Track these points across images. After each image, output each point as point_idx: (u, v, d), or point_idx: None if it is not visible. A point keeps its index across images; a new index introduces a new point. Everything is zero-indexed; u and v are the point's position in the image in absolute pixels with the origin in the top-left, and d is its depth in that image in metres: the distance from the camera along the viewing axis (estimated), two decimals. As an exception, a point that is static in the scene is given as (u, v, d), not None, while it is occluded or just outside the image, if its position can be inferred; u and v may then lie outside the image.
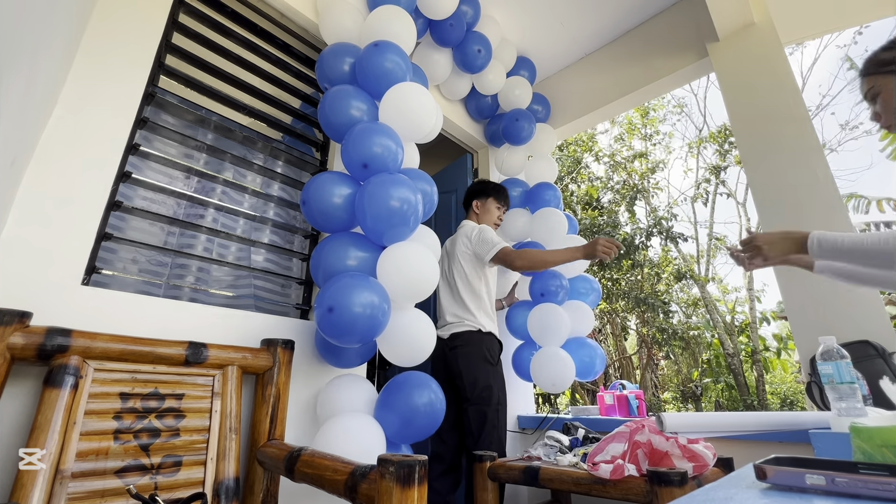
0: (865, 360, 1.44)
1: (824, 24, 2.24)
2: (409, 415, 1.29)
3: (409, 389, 1.33)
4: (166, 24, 1.45)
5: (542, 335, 2.10)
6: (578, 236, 2.40)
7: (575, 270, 2.32)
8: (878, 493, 0.42)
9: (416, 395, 1.31)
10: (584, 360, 2.13)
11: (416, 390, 1.32)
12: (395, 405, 1.32)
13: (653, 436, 1.19)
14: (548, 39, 2.78)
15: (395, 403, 1.32)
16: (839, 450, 0.90)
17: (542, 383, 2.06)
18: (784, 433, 1.43)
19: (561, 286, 2.17)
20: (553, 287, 2.15)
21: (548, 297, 2.14)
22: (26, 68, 0.85)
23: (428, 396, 1.33)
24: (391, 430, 1.29)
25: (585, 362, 2.12)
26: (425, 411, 1.31)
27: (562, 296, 2.17)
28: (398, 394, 1.33)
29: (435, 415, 1.33)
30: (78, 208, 1.15)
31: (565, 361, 2.01)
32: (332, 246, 1.41)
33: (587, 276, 2.39)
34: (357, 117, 1.54)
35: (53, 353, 0.95)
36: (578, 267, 2.32)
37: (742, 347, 7.66)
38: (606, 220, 6.87)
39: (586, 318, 2.23)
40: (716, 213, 9.18)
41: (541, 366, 2.06)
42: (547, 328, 2.07)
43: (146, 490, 0.99)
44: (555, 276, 2.20)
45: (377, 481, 0.73)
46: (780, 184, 1.88)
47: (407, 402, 1.31)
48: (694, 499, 0.47)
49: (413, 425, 1.29)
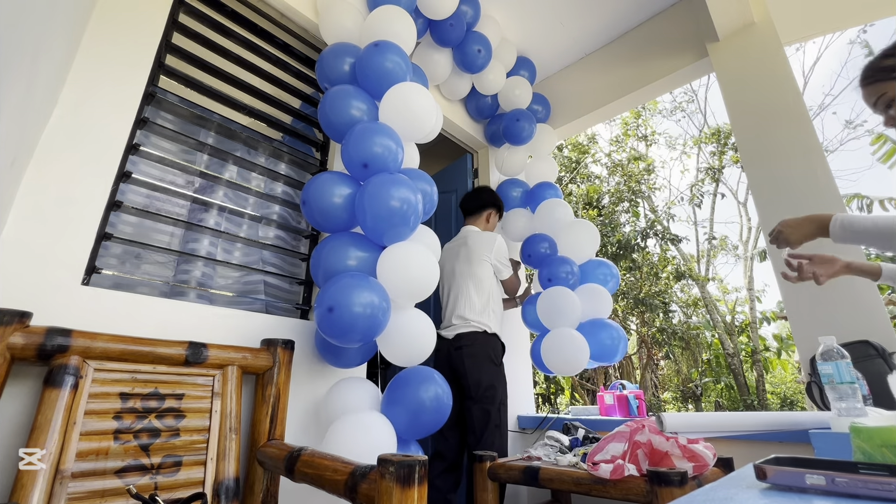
0: (865, 360, 1.44)
1: (824, 24, 2.24)
2: (416, 409, 1.29)
3: (415, 384, 1.33)
4: (166, 24, 1.45)
5: (550, 318, 2.01)
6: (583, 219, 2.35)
7: (587, 251, 2.23)
8: (878, 493, 0.42)
9: (423, 390, 1.31)
10: (606, 343, 1.99)
11: (422, 385, 1.32)
12: (401, 400, 1.31)
13: (653, 436, 1.19)
14: (548, 39, 2.78)
15: (401, 398, 1.32)
16: (839, 450, 0.90)
17: (554, 366, 1.96)
18: (784, 433, 1.43)
19: (571, 272, 2.10)
20: (563, 273, 2.09)
21: (556, 282, 2.08)
22: (26, 68, 0.85)
23: (434, 390, 1.33)
24: (400, 426, 1.29)
25: (607, 345, 1.99)
26: (432, 405, 1.31)
27: (572, 281, 2.10)
28: (405, 388, 1.33)
29: (442, 409, 1.32)
30: (78, 208, 1.15)
31: (576, 340, 1.91)
32: (332, 246, 1.41)
33: (605, 262, 2.26)
34: (357, 117, 1.54)
35: (53, 353, 0.95)
36: (590, 246, 2.23)
37: (742, 347, 7.66)
38: (604, 221, 6.88)
39: (603, 301, 2.09)
40: (717, 213, 9.20)
41: (550, 347, 1.96)
42: (555, 310, 1.98)
43: (146, 490, 0.99)
44: (564, 262, 2.13)
45: (377, 481, 0.73)
46: (780, 184, 1.88)
47: (414, 396, 1.31)
48: (694, 499, 0.47)
49: (420, 419, 1.29)
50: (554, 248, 2.25)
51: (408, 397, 1.31)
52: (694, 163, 8.51)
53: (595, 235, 2.25)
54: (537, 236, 2.29)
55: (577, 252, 2.21)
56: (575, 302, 1.99)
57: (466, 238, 2.11)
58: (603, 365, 2.09)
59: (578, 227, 2.26)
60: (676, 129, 20.79)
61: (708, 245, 8.55)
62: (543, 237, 2.28)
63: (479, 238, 2.08)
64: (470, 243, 2.07)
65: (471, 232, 2.14)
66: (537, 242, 2.26)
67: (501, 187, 2.65)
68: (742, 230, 8.66)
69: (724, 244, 8.78)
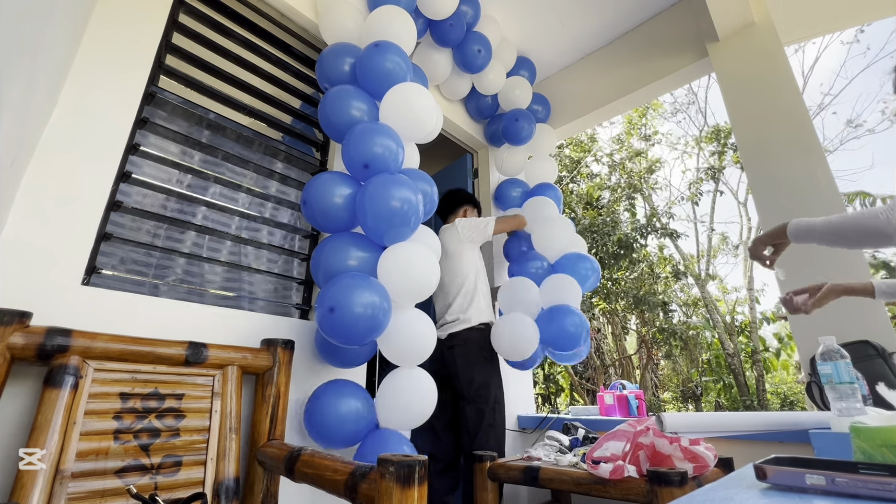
0: (865, 360, 1.44)
1: (824, 24, 2.24)
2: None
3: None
4: (166, 24, 1.45)
5: (509, 306, 1.96)
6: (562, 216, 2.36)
7: (563, 246, 2.15)
8: (878, 493, 0.42)
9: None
10: (569, 330, 1.87)
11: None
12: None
13: (657, 439, 1.19)
14: (548, 39, 2.78)
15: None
16: (839, 450, 0.90)
17: (503, 351, 1.89)
18: (784, 433, 1.43)
19: (541, 266, 2.12)
20: (533, 269, 2.11)
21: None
22: (26, 68, 0.85)
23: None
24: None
25: (570, 332, 1.87)
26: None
27: (541, 274, 2.09)
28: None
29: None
30: (78, 208, 1.15)
31: (526, 325, 1.84)
32: (332, 246, 1.41)
33: (585, 255, 2.17)
34: (357, 117, 1.54)
35: (53, 353, 0.95)
36: (566, 243, 2.16)
37: (742, 347, 7.66)
38: (605, 220, 6.88)
39: (571, 290, 1.98)
40: (717, 212, 9.19)
41: (499, 333, 1.88)
42: (514, 299, 1.94)
43: (146, 490, 0.98)
44: (536, 258, 2.15)
45: (377, 481, 0.73)
46: (780, 184, 1.88)
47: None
48: (694, 499, 0.47)
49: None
50: (528, 244, 2.26)
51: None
52: (694, 163, 8.51)
53: (569, 230, 2.18)
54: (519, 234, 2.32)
55: (551, 247, 2.15)
56: (532, 289, 1.94)
57: (441, 237, 2.10)
58: (569, 353, 1.95)
59: (552, 223, 2.18)
60: (678, 130, 20.83)
61: (708, 243, 8.55)
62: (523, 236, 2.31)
63: (448, 231, 2.08)
64: (443, 240, 2.05)
65: (442, 230, 2.13)
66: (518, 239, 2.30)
67: (501, 187, 2.66)
68: (742, 230, 8.66)
69: (724, 242, 8.78)
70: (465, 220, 2.07)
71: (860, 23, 2.39)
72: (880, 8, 2.10)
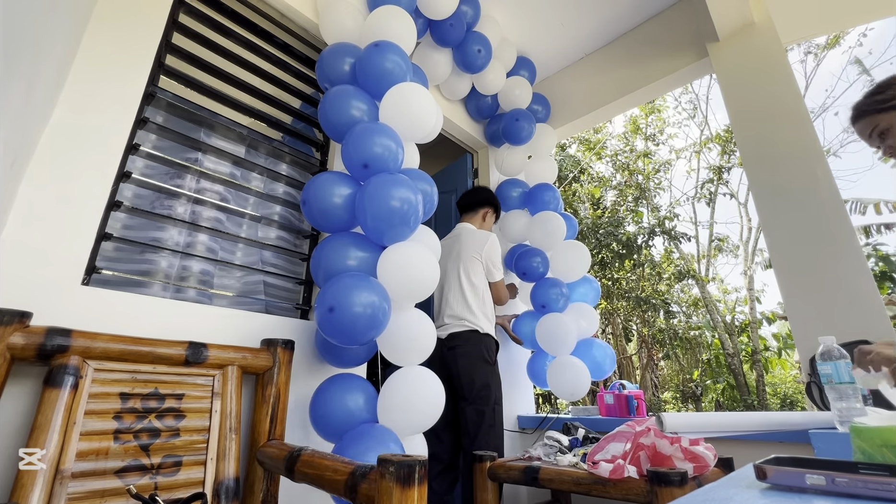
0: (865, 360, 1.43)
1: (824, 24, 2.23)
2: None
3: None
4: (166, 24, 1.45)
5: (551, 346, 2.14)
6: (577, 241, 2.40)
7: (577, 273, 2.33)
8: (878, 493, 0.42)
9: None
10: (596, 360, 2.17)
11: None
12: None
13: (658, 439, 1.19)
14: (548, 39, 2.77)
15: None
16: (839, 450, 0.90)
17: (560, 393, 2.11)
18: (784, 433, 1.43)
19: (561, 294, 2.21)
20: (553, 296, 2.20)
21: (549, 308, 2.19)
22: (27, 69, 0.85)
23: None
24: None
25: (597, 362, 2.17)
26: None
27: (562, 303, 2.21)
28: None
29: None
30: (78, 208, 1.15)
31: (579, 369, 2.07)
32: (332, 246, 1.41)
33: (587, 277, 2.41)
34: (357, 117, 1.54)
35: (53, 353, 0.95)
36: (580, 270, 2.32)
37: (742, 347, 7.66)
38: (609, 220, 6.87)
39: (591, 319, 2.27)
40: (718, 213, 9.19)
41: (556, 376, 2.11)
42: (555, 339, 2.12)
43: (146, 490, 0.98)
44: (555, 284, 2.24)
45: (377, 481, 0.73)
46: (780, 185, 1.87)
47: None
48: (694, 499, 0.47)
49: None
50: (546, 265, 2.33)
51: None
52: (701, 162, 8.49)
53: (586, 258, 2.35)
54: (531, 251, 2.36)
55: (567, 272, 2.31)
56: (571, 330, 2.12)
57: (460, 235, 2.08)
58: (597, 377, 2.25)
59: (571, 249, 2.34)
60: (682, 131, 20.86)
61: (710, 246, 8.55)
62: (536, 252, 2.35)
63: (473, 236, 2.06)
64: (463, 240, 2.04)
65: (465, 229, 2.12)
66: (530, 257, 2.33)
67: (501, 187, 2.65)
68: (742, 230, 8.66)
69: (724, 242, 8.78)
70: (494, 250, 2.05)
71: (860, 23, 2.39)
72: (881, 8, 2.10)
